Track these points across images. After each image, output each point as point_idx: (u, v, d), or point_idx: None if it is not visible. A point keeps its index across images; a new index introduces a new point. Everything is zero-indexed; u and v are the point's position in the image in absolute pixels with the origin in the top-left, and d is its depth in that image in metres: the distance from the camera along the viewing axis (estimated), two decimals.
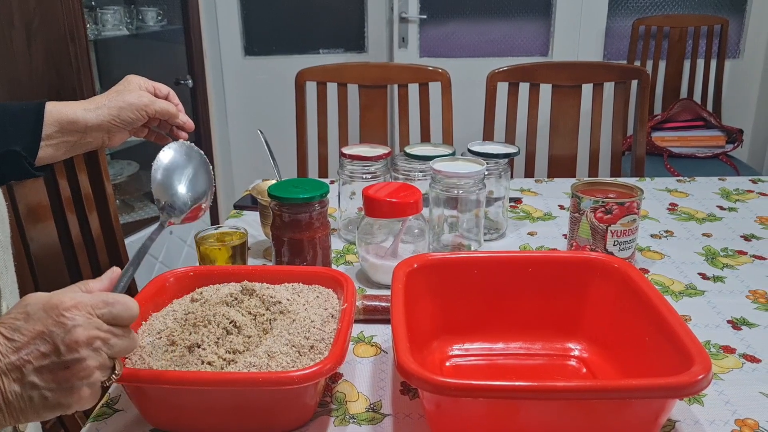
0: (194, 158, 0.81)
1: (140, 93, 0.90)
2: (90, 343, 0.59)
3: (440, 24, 2.92)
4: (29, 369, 0.57)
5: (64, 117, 0.86)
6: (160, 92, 0.94)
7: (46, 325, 0.58)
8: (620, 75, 1.86)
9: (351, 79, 1.91)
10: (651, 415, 0.69)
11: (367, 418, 0.78)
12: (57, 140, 0.87)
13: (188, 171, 0.79)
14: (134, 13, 2.47)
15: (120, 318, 0.61)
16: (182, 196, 0.76)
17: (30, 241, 1.21)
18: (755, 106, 2.99)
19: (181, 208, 0.76)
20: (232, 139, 3.13)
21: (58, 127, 0.86)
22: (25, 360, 0.57)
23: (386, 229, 1.12)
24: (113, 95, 0.89)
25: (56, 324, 0.58)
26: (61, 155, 0.89)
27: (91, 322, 0.59)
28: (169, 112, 0.92)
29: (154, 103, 0.90)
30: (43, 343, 0.58)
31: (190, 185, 0.77)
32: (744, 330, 0.96)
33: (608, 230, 1.08)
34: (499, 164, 1.27)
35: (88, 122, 0.87)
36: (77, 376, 0.58)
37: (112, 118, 0.88)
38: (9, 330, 0.58)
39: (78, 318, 0.59)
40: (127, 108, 0.88)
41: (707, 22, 2.81)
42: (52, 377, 0.58)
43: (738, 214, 1.39)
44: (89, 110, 0.87)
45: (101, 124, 0.88)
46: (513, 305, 0.91)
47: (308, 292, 0.87)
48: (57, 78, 2.01)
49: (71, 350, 0.58)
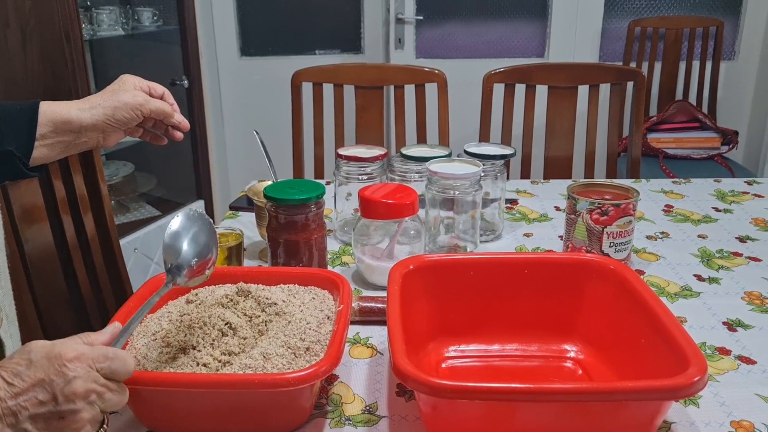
0: (199, 224, 0.81)
1: (135, 92, 0.90)
2: (87, 395, 0.60)
3: (436, 25, 2.92)
4: (24, 415, 0.58)
5: (59, 117, 0.85)
6: (155, 92, 0.94)
7: (47, 373, 0.59)
8: (616, 76, 1.87)
9: (347, 80, 1.91)
10: (647, 417, 0.69)
11: (363, 420, 0.78)
12: (51, 140, 0.86)
13: (197, 239, 0.79)
14: (130, 13, 2.47)
15: (117, 374, 0.63)
16: (187, 258, 0.77)
17: (25, 242, 1.20)
18: (750, 107, 3.00)
19: (187, 267, 0.77)
20: (227, 140, 3.13)
21: (52, 126, 0.85)
22: (23, 406, 0.58)
23: (382, 230, 1.12)
24: (108, 95, 0.89)
25: (57, 373, 0.59)
26: (55, 155, 0.89)
27: (90, 375, 0.60)
28: (164, 111, 0.92)
29: (149, 103, 0.90)
30: (42, 391, 0.59)
31: (198, 253, 0.79)
32: (739, 331, 0.96)
33: (604, 232, 1.08)
34: (495, 165, 1.27)
35: (83, 122, 0.86)
36: (70, 427, 0.59)
37: (106, 117, 0.87)
38: (10, 375, 0.59)
39: (79, 370, 0.60)
40: (122, 107, 0.88)
41: (702, 23, 2.82)
42: (45, 426, 0.59)
43: (733, 215, 1.39)
44: (84, 110, 0.87)
45: (96, 124, 0.87)
46: (509, 307, 0.91)
47: (304, 293, 0.87)
48: (52, 78, 2.01)
49: (69, 401, 0.59)
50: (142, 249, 2.38)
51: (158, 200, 2.70)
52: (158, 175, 2.73)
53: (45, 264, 1.25)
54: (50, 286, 1.25)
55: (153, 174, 2.72)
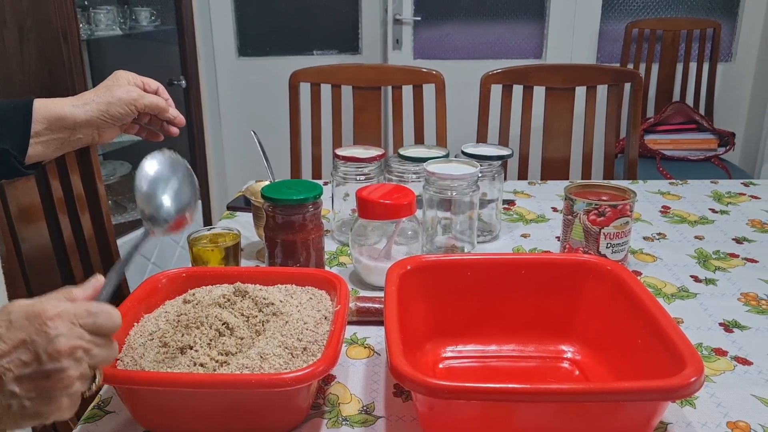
0: (179, 169, 0.79)
1: (129, 88, 0.90)
2: (72, 353, 0.58)
3: (434, 26, 2.92)
4: (9, 377, 0.56)
5: (53, 114, 0.85)
6: (149, 87, 0.93)
7: (28, 333, 0.57)
8: (613, 78, 1.87)
9: (345, 80, 1.91)
10: (643, 418, 0.69)
11: (360, 420, 0.78)
12: (46, 137, 0.86)
13: (172, 182, 0.77)
14: (127, 13, 2.47)
15: (103, 328, 0.60)
16: (166, 207, 0.75)
17: (21, 241, 1.20)
18: (747, 109, 3.01)
19: (165, 219, 0.75)
20: (225, 140, 3.12)
21: (46, 124, 0.85)
22: (6, 368, 0.56)
23: (380, 230, 1.12)
24: (102, 91, 0.89)
25: (39, 333, 0.57)
26: (51, 153, 0.88)
27: (74, 332, 0.58)
28: (158, 106, 0.92)
29: (143, 98, 0.90)
30: (24, 351, 0.57)
31: (175, 196, 0.76)
32: (736, 332, 0.96)
33: (601, 232, 1.08)
34: (493, 166, 1.27)
35: (77, 118, 0.86)
36: (57, 387, 0.58)
37: (101, 113, 0.87)
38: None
39: (61, 327, 0.58)
40: (116, 103, 0.88)
41: (700, 25, 2.82)
42: (32, 386, 0.57)
43: (730, 217, 1.40)
44: (77, 106, 0.87)
45: (90, 120, 0.87)
46: (506, 307, 0.91)
47: (301, 293, 0.87)
48: (49, 78, 2.00)
49: (53, 360, 0.57)
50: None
51: None
52: None
53: (42, 264, 1.25)
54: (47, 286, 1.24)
55: None
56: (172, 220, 0.74)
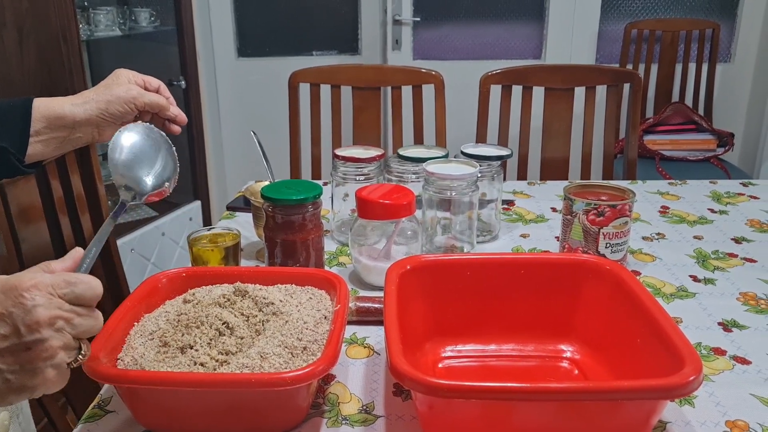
0: (156, 139, 0.81)
1: (129, 86, 0.89)
2: (52, 323, 0.57)
3: (434, 26, 2.92)
4: None
5: (52, 112, 0.85)
6: (150, 85, 0.93)
7: (5, 306, 0.56)
8: (612, 78, 1.87)
9: (344, 80, 1.91)
10: (642, 416, 0.69)
11: (360, 420, 0.78)
12: (46, 136, 0.86)
13: (150, 152, 0.78)
14: (127, 13, 2.47)
15: (83, 297, 0.60)
16: (144, 177, 0.76)
17: (22, 241, 1.20)
18: (746, 109, 3.01)
19: (144, 189, 0.75)
20: (224, 141, 3.13)
21: (46, 122, 0.85)
22: None
23: (379, 230, 1.12)
24: (101, 89, 0.89)
25: (16, 305, 0.56)
26: (51, 152, 0.88)
27: (53, 302, 0.58)
28: (159, 104, 0.91)
29: (143, 96, 0.89)
30: (2, 325, 0.56)
31: (154, 166, 0.77)
32: (735, 332, 0.96)
33: (600, 232, 1.09)
34: (492, 166, 1.27)
35: (76, 117, 0.86)
36: (40, 357, 0.57)
37: (100, 112, 0.87)
38: None
39: (38, 298, 0.57)
40: (115, 101, 0.88)
41: (699, 26, 2.83)
42: (13, 359, 0.56)
43: (729, 216, 1.40)
44: (77, 105, 0.86)
45: (90, 119, 0.87)
46: (505, 307, 0.91)
47: (301, 293, 0.87)
48: (49, 78, 2.00)
49: (32, 331, 0.56)
50: (138, 249, 2.38)
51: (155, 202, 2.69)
52: None
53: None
54: None
55: None
56: (153, 191, 0.75)
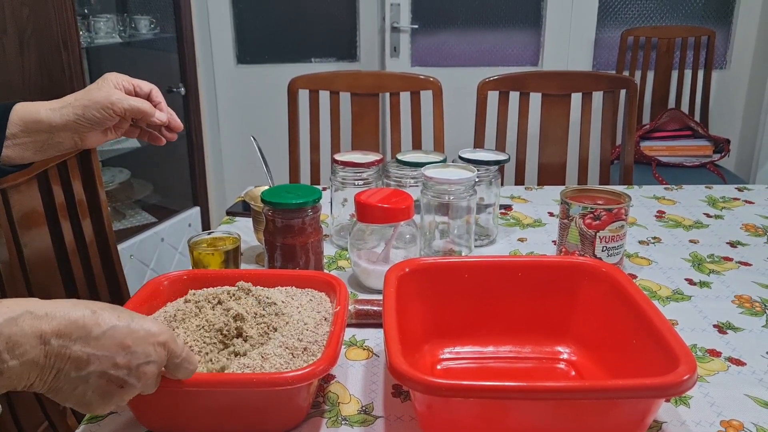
0: None
1: (111, 91, 0.87)
2: (150, 378, 0.63)
3: (432, 34, 2.94)
4: (94, 367, 0.59)
5: (29, 117, 0.85)
6: (140, 90, 0.91)
7: (135, 342, 0.61)
8: (609, 85, 1.89)
9: (343, 87, 1.92)
10: (638, 416, 0.70)
11: (359, 420, 0.79)
12: (23, 140, 0.85)
13: None
14: (127, 21, 2.48)
15: (175, 375, 0.67)
16: None
17: (24, 246, 1.21)
18: (742, 116, 3.03)
19: None
20: (223, 147, 3.14)
21: (22, 126, 0.85)
22: (98, 359, 0.59)
23: (378, 234, 1.13)
24: (82, 93, 0.87)
25: (142, 347, 0.61)
26: (31, 155, 0.87)
27: (162, 363, 0.64)
28: (140, 109, 0.88)
29: (122, 101, 0.87)
30: (122, 355, 0.60)
31: None
32: (729, 334, 0.98)
33: (597, 236, 1.10)
34: (490, 171, 1.28)
35: (53, 122, 0.85)
36: (120, 396, 0.62)
37: (77, 117, 0.85)
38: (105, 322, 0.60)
39: (160, 356, 0.63)
40: (92, 106, 0.86)
41: (694, 33, 2.85)
42: (104, 385, 0.60)
43: (724, 221, 1.41)
44: (54, 110, 0.85)
45: (67, 124, 0.85)
46: (503, 309, 0.92)
47: (301, 295, 0.88)
48: (49, 85, 2.02)
49: (138, 378, 0.61)
50: (137, 255, 2.39)
51: (154, 207, 2.71)
52: (154, 182, 2.74)
53: (43, 268, 1.26)
54: (48, 291, 1.26)
55: (149, 181, 2.73)
56: None
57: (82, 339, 0.58)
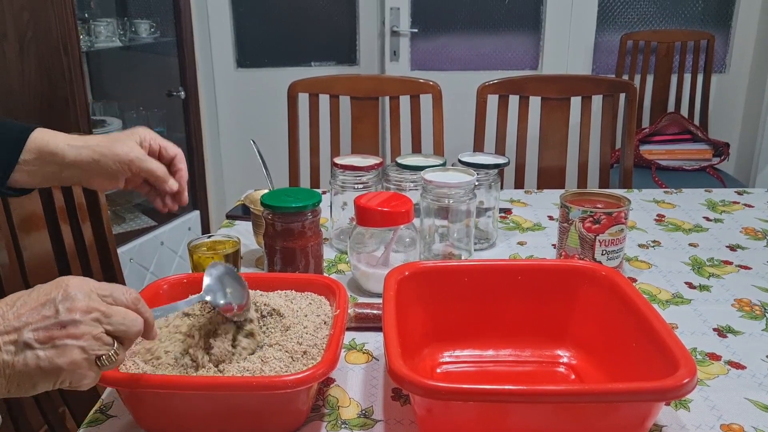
0: None
1: (133, 147, 0.87)
2: (88, 311, 0.61)
3: (431, 38, 2.95)
4: (27, 330, 0.59)
5: (45, 146, 0.85)
6: (166, 152, 0.91)
7: (49, 294, 0.61)
8: (608, 88, 1.89)
9: (343, 91, 1.93)
10: (638, 419, 0.70)
11: (359, 424, 0.79)
12: (33, 167, 0.85)
13: None
14: (127, 24, 2.49)
15: (119, 300, 0.64)
16: None
17: (23, 249, 1.21)
18: (741, 119, 3.04)
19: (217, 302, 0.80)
20: (223, 150, 3.14)
21: (36, 154, 0.85)
22: (25, 322, 0.59)
23: (378, 238, 1.13)
24: (105, 140, 0.87)
25: (60, 293, 0.61)
26: (37, 182, 0.87)
27: (92, 296, 0.62)
28: (155, 174, 0.88)
29: (140, 161, 0.87)
30: (45, 308, 0.60)
31: None
32: (729, 338, 0.98)
33: (596, 239, 1.10)
34: (489, 175, 1.28)
35: (66, 157, 0.85)
36: (71, 335, 0.60)
37: (91, 161, 0.85)
38: (12, 299, 0.61)
39: (80, 290, 0.62)
40: (111, 156, 0.85)
41: (694, 37, 2.85)
42: (46, 336, 0.59)
43: (724, 225, 1.41)
44: (73, 146, 0.85)
45: (78, 163, 0.85)
46: (503, 313, 0.92)
47: (301, 299, 0.88)
48: (49, 89, 2.02)
49: (70, 312, 0.60)
50: (137, 259, 2.39)
51: (153, 210, 2.70)
52: None
53: (43, 272, 1.26)
54: None
55: None
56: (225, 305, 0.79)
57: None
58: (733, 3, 2.90)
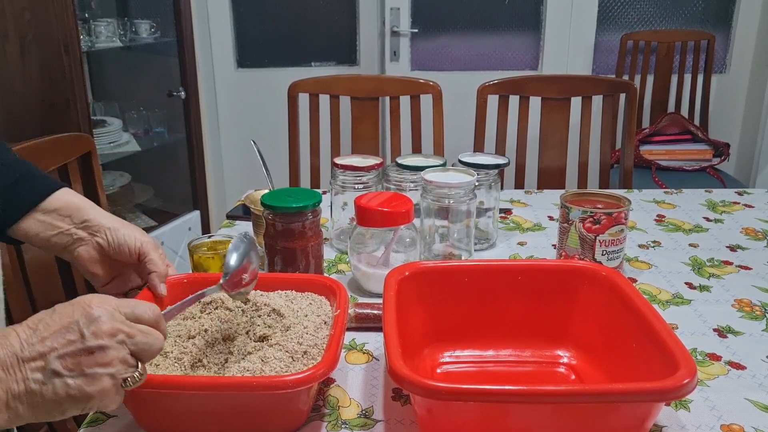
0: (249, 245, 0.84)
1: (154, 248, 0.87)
2: (114, 334, 0.60)
3: (431, 38, 2.95)
4: (53, 356, 0.58)
5: (72, 203, 0.85)
6: (170, 270, 0.90)
7: (72, 316, 0.60)
8: (608, 89, 1.89)
9: (343, 91, 1.93)
10: (638, 420, 0.70)
11: (359, 424, 0.79)
12: (47, 218, 0.84)
13: None
14: (128, 25, 2.49)
15: (141, 318, 0.64)
16: None
17: (24, 251, 1.21)
18: (741, 120, 3.04)
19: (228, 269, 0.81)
20: (224, 151, 3.14)
21: (62, 204, 0.84)
22: (51, 347, 0.58)
23: (378, 238, 1.13)
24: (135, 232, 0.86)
25: (82, 314, 0.60)
26: (32, 236, 0.84)
27: (115, 316, 0.61)
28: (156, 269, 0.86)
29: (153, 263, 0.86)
30: (69, 332, 0.59)
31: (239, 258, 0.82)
32: (730, 338, 0.98)
33: (597, 240, 1.10)
34: (490, 175, 1.29)
35: (89, 215, 0.84)
36: (100, 363, 0.59)
37: (109, 237, 0.84)
38: (34, 322, 0.60)
39: (103, 311, 0.61)
40: (127, 246, 0.85)
41: (694, 37, 2.86)
42: (74, 363, 0.59)
43: (724, 225, 1.41)
44: (99, 213, 0.85)
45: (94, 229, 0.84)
46: (503, 313, 0.92)
47: (301, 299, 0.88)
48: (50, 89, 2.02)
49: (96, 337, 0.59)
50: None
51: (154, 211, 2.71)
52: (155, 186, 2.74)
53: (44, 273, 1.26)
54: (49, 296, 1.26)
55: (149, 184, 2.73)
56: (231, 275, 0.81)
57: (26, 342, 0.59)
58: (733, 3, 2.90)
